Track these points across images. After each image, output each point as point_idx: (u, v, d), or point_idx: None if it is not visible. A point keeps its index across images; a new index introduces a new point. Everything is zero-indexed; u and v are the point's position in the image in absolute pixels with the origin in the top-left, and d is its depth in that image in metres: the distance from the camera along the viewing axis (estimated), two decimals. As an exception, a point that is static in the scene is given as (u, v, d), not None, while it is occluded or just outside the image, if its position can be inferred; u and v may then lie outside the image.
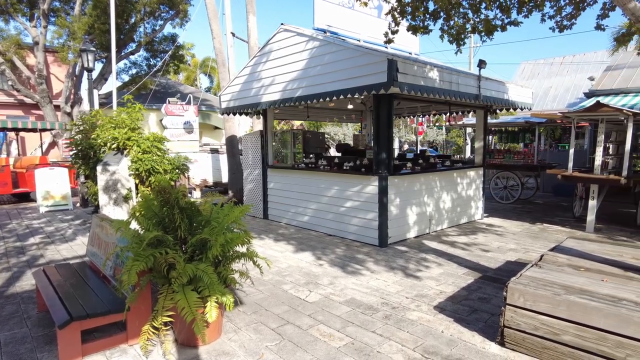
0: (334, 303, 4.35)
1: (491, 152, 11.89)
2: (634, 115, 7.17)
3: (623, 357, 2.79)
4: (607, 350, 2.85)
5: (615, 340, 2.82)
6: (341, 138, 28.57)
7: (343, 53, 6.10)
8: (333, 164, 7.46)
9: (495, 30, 4.97)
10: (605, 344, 2.86)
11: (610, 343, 2.84)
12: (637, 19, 3.14)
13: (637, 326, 2.73)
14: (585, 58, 23.46)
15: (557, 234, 7.36)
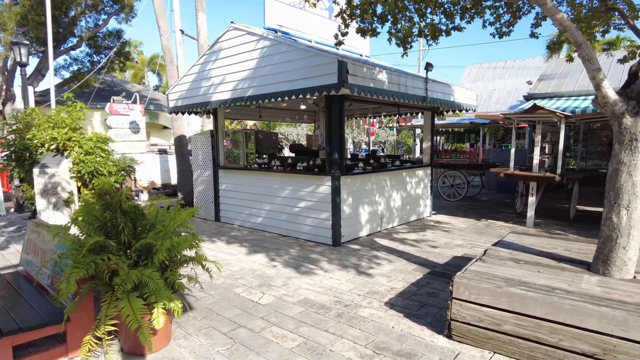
0: (287, 304, 4.33)
1: (439, 152, 12.33)
2: (566, 117, 7.71)
3: (556, 342, 2.98)
4: (542, 336, 3.04)
5: (549, 326, 3.01)
6: (296, 138, 28.54)
7: (294, 53, 6.09)
8: (286, 165, 7.43)
9: (440, 34, 5.17)
10: (540, 330, 3.04)
11: (545, 330, 3.03)
12: (565, 28, 3.38)
13: (567, 313, 2.92)
14: (524, 63, 24.96)
15: (501, 229, 7.76)
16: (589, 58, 3.37)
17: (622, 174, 3.38)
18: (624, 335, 2.73)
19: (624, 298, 3.03)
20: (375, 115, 10.74)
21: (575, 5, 5.18)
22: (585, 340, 2.88)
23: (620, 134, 3.39)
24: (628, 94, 3.40)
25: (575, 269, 3.74)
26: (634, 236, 3.40)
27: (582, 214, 9.16)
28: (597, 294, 3.14)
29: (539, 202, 8.34)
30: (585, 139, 9.88)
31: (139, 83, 34.36)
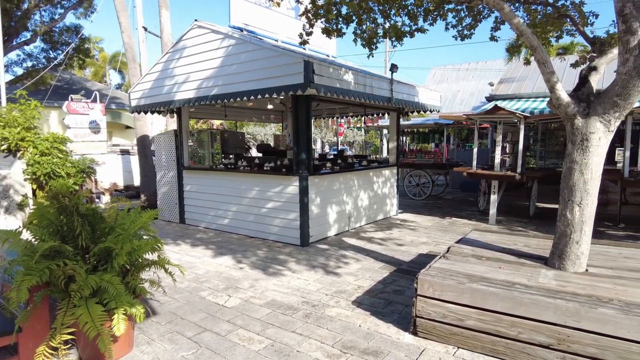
0: (254, 306, 4.28)
1: (404, 152, 12.55)
2: (525, 118, 8.02)
3: (515, 335, 3.09)
4: (503, 330, 3.14)
5: (509, 320, 3.12)
6: (264, 138, 28.34)
7: (260, 52, 6.03)
8: (253, 165, 7.36)
9: (405, 35, 5.26)
10: (501, 324, 3.14)
11: (505, 323, 3.13)
12: (521, 33, 3.51)
13: (526, 307, 3.04)
14: (487, 65, 25.81)
15: (464, 227, 7.97)
16: (544, 61, 3.51)
17: (575, 172, 3.55)
18: (576, 325, 2.86)
19: (576, 290, 3.18)
20: (342, 115, 10.80)
21: (531, 11, 5.39)
22: (542, 332, 2.99)
23: (572, 134, 3.55)
24: (579, 96, 3.57)
25: (533, 264, 3.89)
26: (585, 231, 3.57)
27: (542, 211, 9.55)
28: (553, 287, 3.27)
29: (500, 199, 8.63)
30: (544, 139, 10.30)
31: (100, 81, 33.13)
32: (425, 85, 20.69)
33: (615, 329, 2.75)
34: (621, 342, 2.73)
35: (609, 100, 3.34)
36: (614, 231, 7.55)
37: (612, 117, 3.39)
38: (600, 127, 3.43)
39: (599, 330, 2.80)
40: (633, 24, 3.14)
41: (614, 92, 3.31)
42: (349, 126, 31.46)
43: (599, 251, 4.27)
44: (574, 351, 2.89)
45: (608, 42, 4.14)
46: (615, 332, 2.75)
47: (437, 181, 12.89)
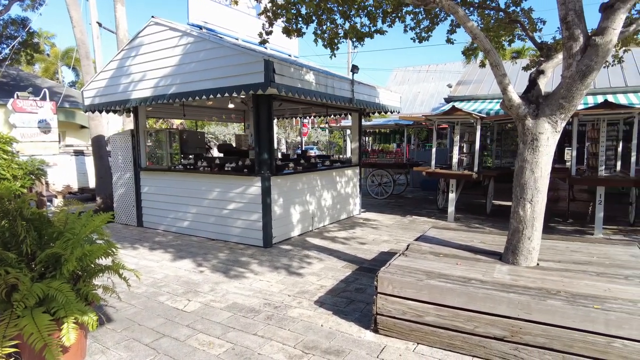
0: (215, 310, 4.20)
1: (366, 152, 12.72)
2: (482, 118, 8.31)
3: (472, 329, 3.19)
4: (460, 324, 3.23)
5: (466, 315, 3.21)
6: (227, 138, 27.89)
7: (219, 51, 5.92)
8: (214, 165, 7.21)
9: (365, 37, 5.33)
10: (458, 319, 3.24)
11: (462, 318, 3.23)
12: (475, 36, 3.64)
13: (482, 301, 3.14)
14: (446, 68, 26.59)
15: (424, 225, 8.16)
16: (496, 64, 3.65)
17: (526, 171, 3.71)
18: (527, 317, 2.99)
19: (528, 284, 3.32)
20: (305, 115, 10.80)
21: (484, 15, 5.60)
22: (496, 325, 3.10)
23: (523, 134, 3.71)
24: (529, 98, 3.73)
25: (489, 259, 4.03)
26: (536, 227, 3.74)
27: (498, 208, 9.92)
28: (506, 282, 3.40)
29: (459, 198, 8.90)
30: (500, 139, 10.72)
31: (52, 78, 31.47)
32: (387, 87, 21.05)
33: (561, 319, 2.89)
34: (567, 331, 2.87)
35: (556, 102, 3.51)
36: (564, 226, 7.95)
37: (559, 118, 3.57)
38: (549, 127, 3.60)
39: (548, 321, 2.93)
40: (575, 31, 3.32)
41: (559, 94, 3.49)
42: (313, 126, 31.52)
43: (549, 246, 4.48)
44: (526, 342, 3.01)
45: (554, 47, 4.36)
46: (561, 322, 2.89)
47: (398, 180, 13.14)
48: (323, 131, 34.05)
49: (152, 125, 23.68)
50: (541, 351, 2.97)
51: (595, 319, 2.80)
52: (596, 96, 10.89)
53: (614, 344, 2.75)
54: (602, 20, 3.28)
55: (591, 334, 2.81)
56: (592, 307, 2.86)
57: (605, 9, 3.27)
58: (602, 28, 3.24)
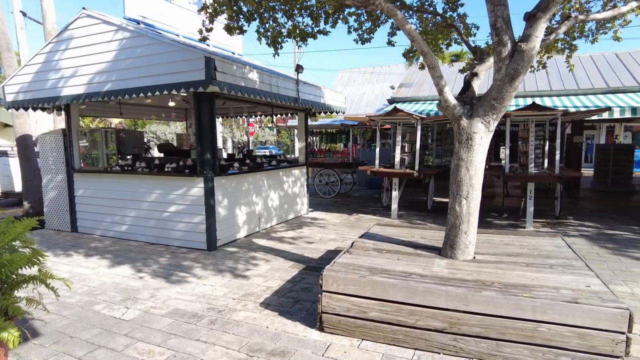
0: (155, 317, 4.02)
1: (314, 151, 12.78)
2: (422, 119, 8.62)
3: (413, 322, 3.29)
4: (403, 319, 3.32)
5: (408, 309, 3.31)
6: (169, 138, 26.89)
7: (158, 47, 5.68)
8: (153, 166, 6.90)
9: (308, 36, 5.34)
10: (401, 313, 3.33)
11: (405, 312, 3.32)
12: (413, 38, 3.76)
13: (422, 295, 3.25)
14: (390, 69, 27.37)
15: (370, 222, 8.33)
16: (433, 66, 3.79)
17: (462, 168, 3.88)
18: (465, 309, 3.13)
19: (465, 277, 3.48)
20: (251, 114, 10.66)
21: (422, 19, 5.81)
22: (436, 318, 3.22)
23: (459, 134, 3.88)
24: (464, 99, 3.91)
25: (428, 254, 4.18)
26: (472, 222, 3.93)
27: (439, 205, 10.34)
28: (445, 275, 3.54)
29: (402, 195, 9.19)
30: (440, 139, 11.18)
31: (-32, 72, 28.66)
32: (333, 87, 21.27)
33: (495, 308, 3.06)
34: (500, 319, 3.04)
35: (488, 103, 3.71)
36: (499, 221, 8.45)
37: (491, 118, 3.77)
38: (482, 127, 3.79)
39: (483, 311, 3.09)
40: (503, 36, 3.53)
41: (491, 96, 3.69)
42: (260, 126, 31.23)
43: (485, 239, 4.73)
44: (464, 332, 3.15)
45: (487, 51, 4.61)
46: (495, 311, 3.06)
47: (345, 180, 13.33)
48: (271, 130, 33.84)
49: (88, 124, 22.33)
50: (477, 340, 3.12)
51: (524, 307, 2.99)
52: (526, 98, 11.68)
53: (540, 329, 2.95)
54: (526, 28, 3.51)
55: (521, 321, 3.00)
56: (521, 295, 3.04)
57: (528, 17, 3.50)
58: (527, 35, 3.47)
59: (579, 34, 5.98)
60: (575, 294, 3.05)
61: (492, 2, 3.58)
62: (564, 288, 3.17)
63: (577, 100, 11.02)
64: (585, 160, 20.93)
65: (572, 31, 5.91)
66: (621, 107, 9.80)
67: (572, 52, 6.36)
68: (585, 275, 3.46)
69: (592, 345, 2.85)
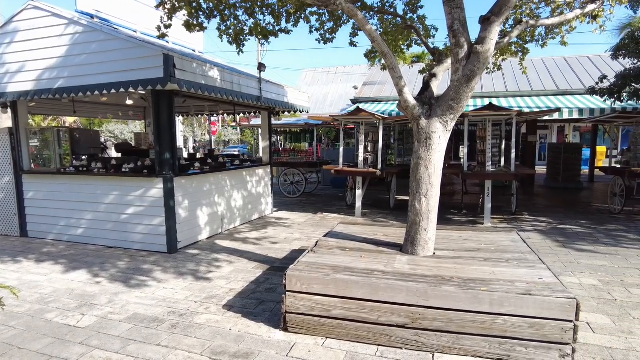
0: (113, 323, 3.87)
1: (278, 151, 12.73)
2: (384, 119, 8.76)
3: (376, 319, 3.33)
4: (365, 315, 3.36)
5: (370, 306, 3.35)
6: (128, 137, 26.00)
7: (114, 43, 5.47)
8: (110, 166, 6.64)
9: (270, 35, 5.30)
10: (363, 310, 3.36)
11: (367, 309, 3.36)
12: (373, 39, 3.81)
13: (384, 291, 3.30)
14: (353, 70, 27.64)
15: (334, 221, 8.37)
16: (393, 67, 3.85)
17: (421, 167, 3.97)
18: (425, 304, 3.21)
19: (425, 272, 3.56)
20: (212, 113, 10.46)
21: (383, 20, 5.90)
22: (398, 314, 3.28)
23: (418, 133, 3.97)
24: (423, 99, 4.00)
25: (390, 251, 4.26)
26: (431, 219, 4.04)
27: (401, 203, 10.54)
28: (406, 271, 3.61)
29: (366, 194, 9.30)
30: (402, 138, 11.41)
31: None
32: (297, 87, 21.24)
33: (455, 302, 3.15)
34: (459, 313, 3.14)
35: (446, 104, 3.82)
36: (458, 217, 8.71)
37: (449, 118, 3.88)
38: (440, 127, 3.90)
39: (443, 305, 3.18)
40: (460, 38, 3.64)
41: (449, 96, 3.79)
42: (223, 125, 30.73)
43: (445, 236, 4.87)
44: (425, 327, 3.23)
45: (445, 52, 4.74)
46: (455, 305, 3.15)
47: (310, 179, 13.34)
48: (234, 130, 33.37)
49: (40, 123, 21.20)
50: (438, 334, 3.20)
51: (482, 300, 3.09)
52: (483, 99, 12.11)
53: (497, 321, 3.07)
54: (481, 31, 3.64)
55: (479, 314, 3.11)
56: (479, 289, 3.15)
57: (483, 21, 3.63)
58: (482, 38, 3.60)
59: (530, 38, 6.26)
60: (529, 286, 3.19)
61: (450, 5, 3.68)
62: (519, 281, 3.31)
63: (531, 101, 11.55)
64: (539, 158, 21.97)
65: (524, 35, 6.18)
66: (569, 108, 10.35)
67: (524, 55, 6.65)
68: (539, 268, 3.63)
69: (544, 334, 2.99)
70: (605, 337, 3.51)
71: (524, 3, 5.68)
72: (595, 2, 4.42)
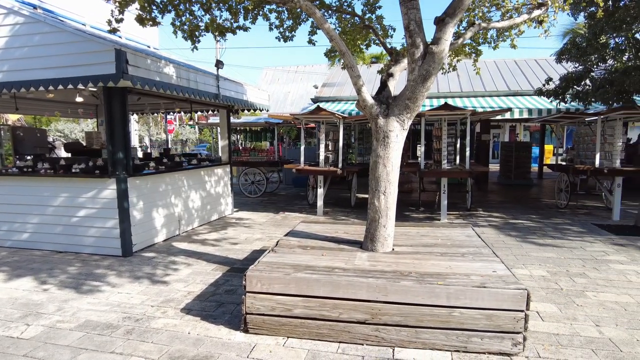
0: (62, 332, 3.66)
1: (238, 150, 12.54)
2: (344, 118, 8.83)
3: (337, 316, 3.35)
4: (327, 313, 3.37)
5: (331, 303, 3.36)
6: (80, 137, 24.77)
7: (60, 36, 5.18)
8: (59, 167, 6.29)
9: (227, 31, 5.19)
10: (325, 308, 3.37)
11: (328, 307, 3.37)
12: (332, 38, 3.82)
13: (344, 288, 3.32)
14: (313, 69, 27.70)
15: (296, 220, 8.33)
16: (351, 66, 3.88)
17: (380, 165, 4.03)
18: (385, 299, 3.25)
19: (384, 268, 3.62)
20: (169, 111, 10.15)
21: (342, 19, 5.94)
22: (359, 310, 3.31)
23: (376, 132, 4.02)
24: (380, 99, 4.06)
25: (351, 248, 4.29)
26: (390, 216, 4.10)
27: (362, 201, 10.67)
28: (366, 267, 3.65)
29: (327, 193, 9.35)
30: (362, 137, 11.55)
31: None
32: (258, 85, 21.02)
33: (413, 297, 3.22)
34: (417, 307, 3.21)
35: (402, 103, 3.89)
36: (416, 214, 8.93)
37: (406, 117, 3.96)
38: (397, 126, 3.96)
39: (402, 300, 3.24)
40: (416, 39, 3.72)
41: (405, 96, 3.87)
42: (180, 123, 29.90)
43: (403, 232, 4.97)
44: (385, 322, 3.28)
45: (402, 53, 4.83)
46: (413, 299, 3.22)
47: (271, 178, 13.24)
48: (192, 128, 32.56)
49: (-22, 121, 19.75)
50: (398, 329, 3.26)
51: (439, 294, 3.18)
52: (439, 99, 12.48)
53: (454, 314, 3.16)
54: (436, 31, 3.74)
55: (436, 307, 3.19)
56: (436, 283, 3.23)
57: (438, 22, 3.73)
58: (437, 38, 3.69)
59: (483, 40, 6.50)
60: (483, 279, 3.31)
61: (406, 6, 3.75)
62: (474, 274, 3.43)
63: (484, 101, 12.01)
64: (492, 156, 22.94)
65: (477, 37, 6.41)
66: (520, 108, 10.86)
67: (478, 57, 6.90)
68: (492, 262, 3.77)
69: (497, 325, 3.11)
70: (552, 324, 3.70)
71: (477, 6, 5.89)
72: (540, 8, 4.65)
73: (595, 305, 4.11)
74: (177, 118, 23.60)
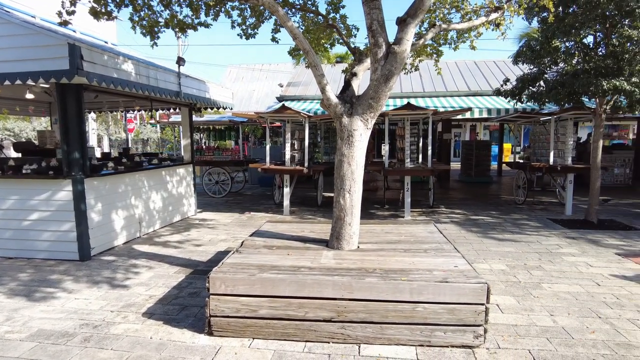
0: (12, 343, 3.46)
1: (201, 149, 12.28)
2: (309, 117, 8.82)
3: (303, 315, 3.34)
4: (293, 312, 3.35)
5: (297, 302, 3.35)
6: (32, 136, 23.51)
7: (7, 28, 4.87)
8: (8, 168, 5.93)
9: (188, 28, 5.06)
10: (290, 308, 3.35)
11: (294, 306, 3.35)
12: (295, 36, 3.81)
13: (310, 287, 3.31)
14: (278, 68, 27.51)
15: (262, 220, 8.26)
16: (315, 65, 3.88)
17: (344, 164, 4.05)
18: (350, 297, 3.28)
19: (350, 266, 3.64)
20: (128, 109, 9.80)
21: (305, 17, 5.93)
22: (325, 308, 3.32)
23: (341, 131, 4.04)
24: (344, 98, 4.08)
25: (317, 247, 4.29)
26: (355, 214, 4.14)
27: (328, 200, 10.68)
28: (332, 266, 3.67)
29: (293, 192, 9.31)
30: (328, 136, 11.58)
31: None
32: (222, 83, 20.68)
33: (378, 293, 3.26)
34: (382, 303, 3.25)
35: (366, 102, 3.93)
36: (381, 212, 9.05)
37: (369, 116, 4.00)
38: (361, 125, 4.00)
39: (367, 297, 3.27)
40: (379, 38, 3.76)
41: (369, 95, 3.91)
42: (141, 122, 28.97)
43: (368, 230, 5.02)
44: (350, 319, 3.30)
45: (365, 52, 4.87)
46: (378, 296, 3.26)
47: (236, 178, 13.06)
48: (153, 127, 31.60)
49: None
50: (363, 325, 3.29)
51: (403, 290, 3.23)
52: (402, 99, 12.70)
53: (417, 309, 3.23)
54: (398, 32, 3.79)
55: (401, 303, 3.24)
56: (400, 279, 3.29)
57: (400, 22, 3.79)
58: (399, 39, 3.75)
59: (443, 41, 6.67)
60: (445, 274, 3.40)
61: (369, 5, 3.79)
62: (436, 270, 3.51)
63: (445, 101, 12.33)
64: (454, 155, 23.60)
65: (438, 38, 6.58)
66: (480, 108, 11.22)
67: (439, 57, 7.08)
68: (454, 257, 3.88)
69: (459, 318, 3.20)
70: (511, 315, 3.85)
71: (437, 8, 6.04)
72: (497, 12, 4.82)
73: (550, 296, 4.31)
74: (138, 117, 22.83)
